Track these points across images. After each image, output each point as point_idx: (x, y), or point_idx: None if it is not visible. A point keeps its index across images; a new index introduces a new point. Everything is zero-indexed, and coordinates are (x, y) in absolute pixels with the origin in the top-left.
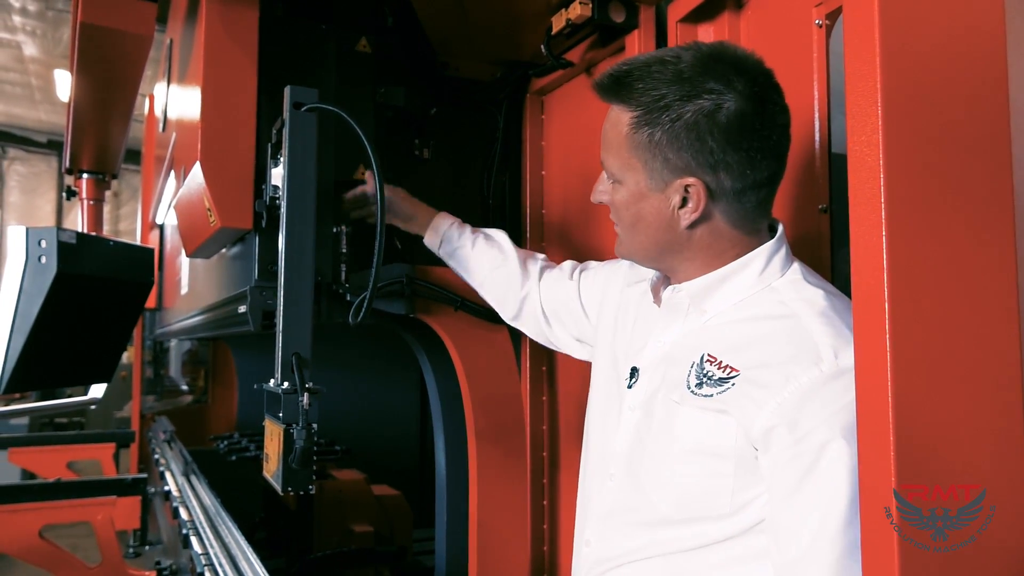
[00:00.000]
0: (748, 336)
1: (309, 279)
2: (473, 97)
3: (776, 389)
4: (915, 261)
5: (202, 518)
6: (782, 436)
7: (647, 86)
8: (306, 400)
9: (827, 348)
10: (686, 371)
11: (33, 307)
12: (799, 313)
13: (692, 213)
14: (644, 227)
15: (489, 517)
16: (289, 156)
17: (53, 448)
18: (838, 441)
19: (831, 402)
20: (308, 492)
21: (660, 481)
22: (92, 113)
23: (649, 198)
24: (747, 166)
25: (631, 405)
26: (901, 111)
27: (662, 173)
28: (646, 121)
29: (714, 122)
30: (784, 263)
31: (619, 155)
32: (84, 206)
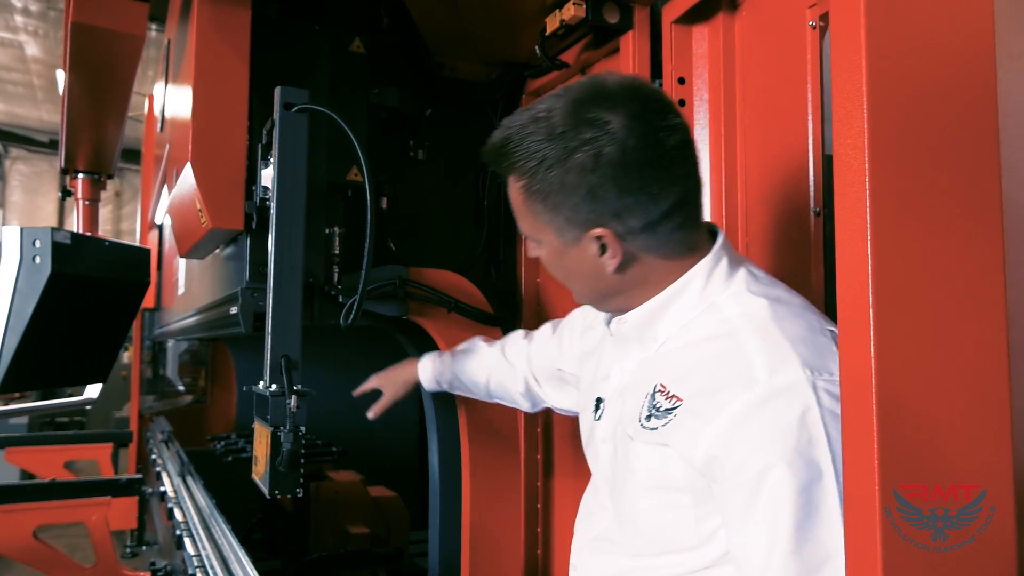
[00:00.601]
0: (693, 361)
1: (298, 281)
2: (468, 98)
3: (710, 417)
4: (904, 262)
5: (196, 520)
6: (723, 466)
7: (526, 151)
8: (294, 403)
9: (761, 368)
10: (640, 402)
11: (27, 307)
12: (738, 330)
13: (612, 259)
14: (577, 279)
15: (482, 520)
16: (279, 157)
17: (51, 448)
18: (778, 467)
19: (767, 426)
20: (296, 495)
21: (631, 517)
22: (86, 113)
23: (569, 253)
24: (648, 202)
25: (602, 437)
26: (887, 114)
27: (569, 230)
28: (536, 188)
29: (599, 172)
30: (727, 275)
31: (526, 220)
32: (80, 206)
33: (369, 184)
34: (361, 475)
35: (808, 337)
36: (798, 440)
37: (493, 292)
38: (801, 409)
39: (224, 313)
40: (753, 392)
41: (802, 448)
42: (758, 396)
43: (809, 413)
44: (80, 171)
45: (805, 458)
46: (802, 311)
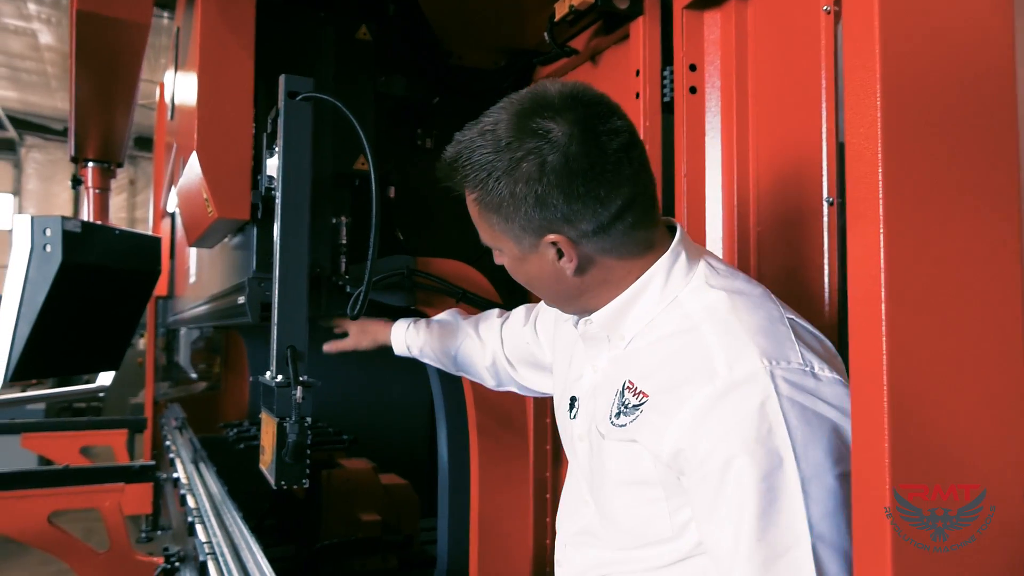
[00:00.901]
0: (658, 358)
1: (304, 271)
2: (476, 86)
3: (673, 412)
4: (914, 258)
5: (208, 507)
6: (688, 459)
7: (475, 165)
8: (299, 394)
9: (720, 361)
10: (611, 400)
11: (38, 296)
12: (698, 324)
13: (570, 263)
14: (539, 284)
15: (490, 510)
16: (284, 146)
17: (66, 434)
18: (740, 457)
19: (727, 418)
20: (303, 486)
21: (608, 511)
22: (94, 101)
23: (528, 260)
24: (596, 205)
25: (579, 435)
26: (902, 101)
27: (525, 238)
28: (488, 200)
29: (545, 181)
30: (687, 270)
31: (484, 231)
32: (90, 195)
33: (375, 173)
34: (372, 463)
35: (767, 327)
36: (758, 430)
37: (502, 281)
38: (760, 399)
39: (232, 302)
40: (713, 385)
41: (762, 437)
42: (718, 389)
43: (768, 403)
44: (90, 160)
45: (766, 447)
46: (761, 301)
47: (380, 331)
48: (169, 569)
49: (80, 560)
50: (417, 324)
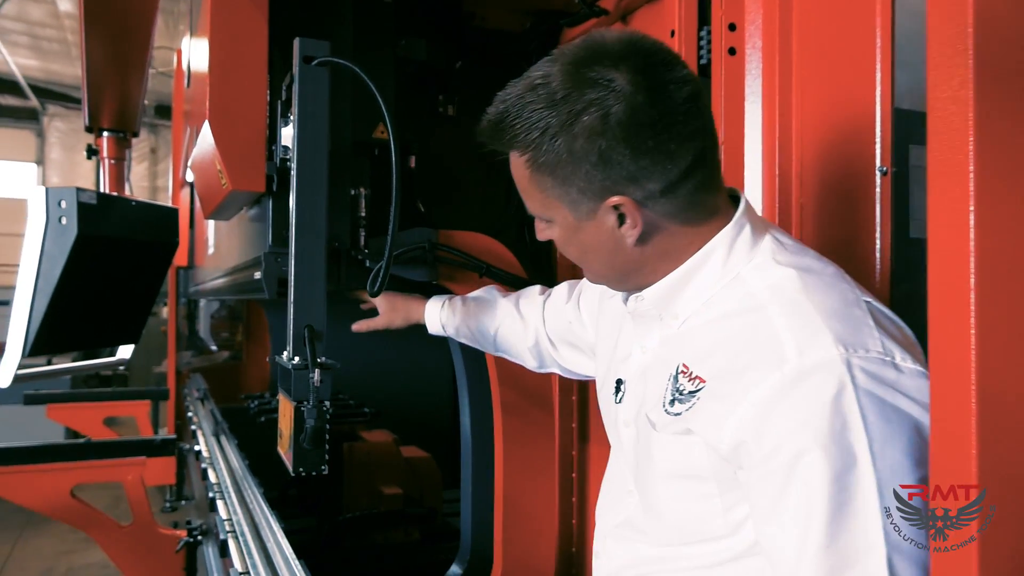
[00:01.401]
0: (716, 339)
1: (322, 246)
2: (501, 50)
3: (737, 401)
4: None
5: (228, 482)
6: (751, 453)
7: (527, 122)
8: (317, 377)
9: (791, 345)
10: (664, 384)
11: (55, 269)
12: (764, 304)
13: (633, 229)
14: (594, 256)
15: (515, 490)
16: (299, 114)
17: (90, 405)
18: (811, 452)
19: (797, 410)
20: (321, 472)
21: (654, 506)
22: (105, 68)
23: (584, 229)
24: (666, 161)
25: (624, 420)
26: (999, 57)
27: (583, 203)
28: (542, 160)
29: (609, 135)
30: (751, 244)
31: (534, 198)
32: (106, 165)
33: (395, 142)
34: (394, 435)
35: (842, 310)
36: (832, 424)
37: (527, 255)
38: (834, 390)
39: (249, 277)
40: (782, 372)
41: (836, 433)
42: (787, 376)
43: (843, 394)
44: (105, 129)
45: (839, 444)
46: (835, 281)
47: (413, 309)
48: (192, 543)
49: (103, 533)
50: (452, 302)
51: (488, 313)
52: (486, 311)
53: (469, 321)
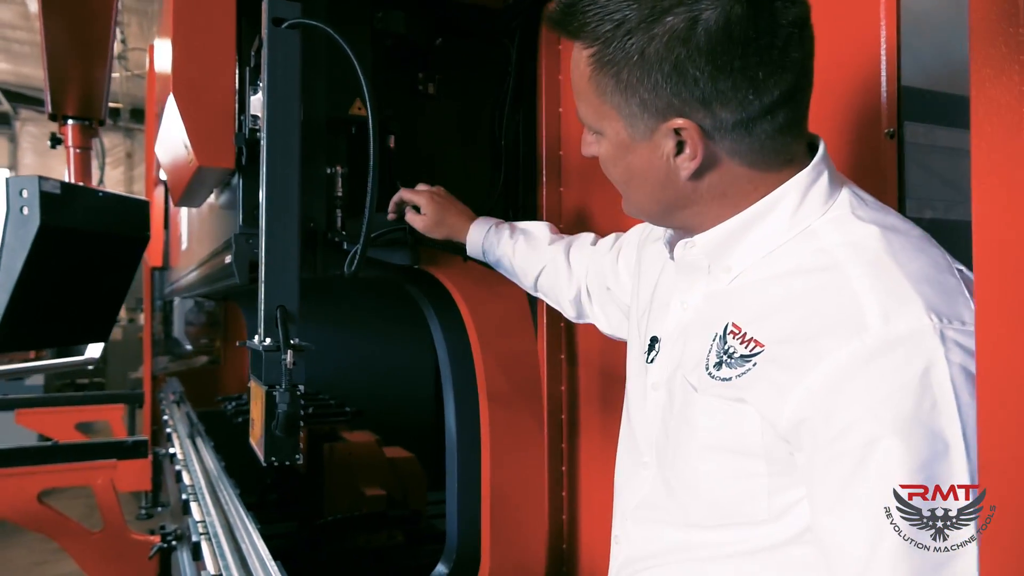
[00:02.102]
0: (777, 299)
1: (294, 223)
2: (481, 26)
3: (804, 371)
4: None
5: (203, 484)
6: (816, 432)
7: (602, 11)
8: (290, 358)
9: (874, 311)
10: (707, 345)
11: (16, 262)
12: (841, 263)
13: (691, 161)
14: (640, 183)
15: (503, 483)
16: (268, 81)
17: (62, 409)
18: (890, 438)
19: (879, 384)
20: (296, 463)
21: (685, 480)
22: (65, 50)
23: (636, 149)
24: (748, 90)
25: (654, 383)
26: None
27: (642, 119)
28: (608, 58)
29: (692, 44)
30: (827, 195)
31: (589, 103)
32: (71, 154)
33: (373, 117)
34: (376, 435)
35: (933, 276)
36: (919, 405)
37: None
38: (924, 365)
39: (220, 263)
40: (862, 341)
41: (923, 415)
42: (868, 347)
43: (934, 370)
44: (69, 117)
45: (927, 428)
46: (923, 244)
47: (458, 225)
48: (166, 548)
49: (73, 540)
50: (500, 229)
51: (535, 253)
52: (534, 249)
53: (513, 256)
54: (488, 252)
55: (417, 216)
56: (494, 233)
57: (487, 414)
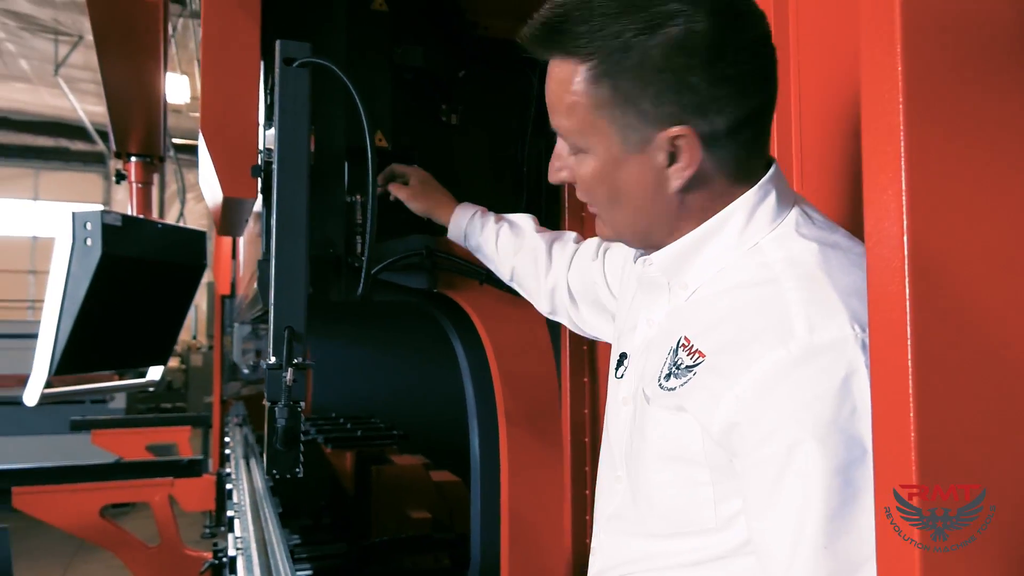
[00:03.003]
0: (722, 311)
1: (302, 249)
2: (504, 58)
3: (735, 377)
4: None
5: (248, 503)
6: (745, 436)
7: (594, 27)
8: (290, 376)
9: (801, 321)
10: (663, 359)
11: (80, 289)
12: (779, 276)
13: (685, 170)
14: (626, 200)
15: (521, 506)
16: (279, 116)
17: (133, 431)
18: (810, 443)
19: (800, 391)
20: (296, 475)
21: (643, 490)
22: (122, 92)
23: (625, 164)
24: (740, 96)
25: (623, 398)
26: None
27: (639, 130)
28: (605, 71)
29: (690, 51)
30: (775, 213)
31: (576, 119)
32: (133, 189)
33: (371, 149)
34: (425, 459)
35: (863, 290)
36: (838, 411)
37: None
38: (845, 373)
39: (256, 291)
40: (787, 349)
41: (842, 421)
42: (792, 354)
43: (855, 378)
44: (132, 154)
45: (846, 433)
46: (861, 260)
47: (441, 205)
48: (217, 565)
49: (130, 553)
50: (485, 217)
51: (517, 240)
52: (516, 237)
53: (496, 241)
54: (470, 236)
55: (402, 187)
56: (479, 218)
57: (505, 436)
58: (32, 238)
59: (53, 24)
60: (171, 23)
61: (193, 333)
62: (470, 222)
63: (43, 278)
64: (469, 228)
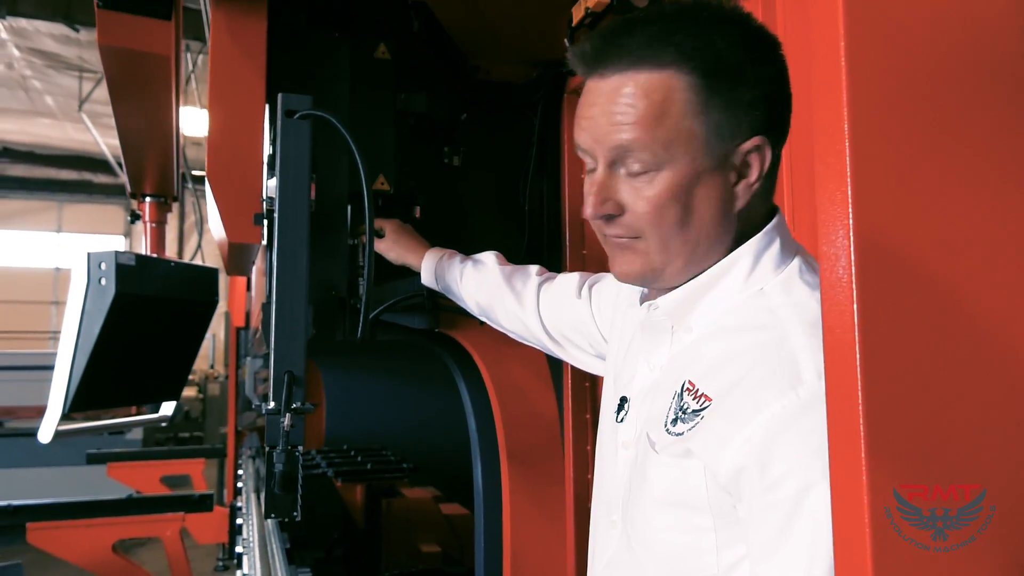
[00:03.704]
0: (727, 355)
1: (302, 295)
2: (506, 101)
3: (744, 421)
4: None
5: (256, 537)
6: (753, 481)
7: (686, 36)
8: (287, 421)
9: (809, 368)
10: (668, 403)
11: (94, 328)
12: (784, 322)
13: (752, 185)
14: (696, 219)
15: (524, 543)
16: (281, 166)
17: (148, 463)
18: (820, 486)
19: (810, 437)
20: (294, 519)
21: (642, 536)
22: (135, 136)
23: (704, 178)
24: (788, 115)
25: (624, 442)
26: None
27: (724, 138)
28: (705, 77)
29: (775, 68)
30: (780, 258)
31: (663, 129)
32: (147, 229)
33: (368, 196)
34: (437, 491)
35: None
36: None
37: None
38: None
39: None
40: (797, 395)
41: None
42: (802, 399)
43: None
44: (146, 195)
45: None
46: None
47: (412, 251)
48: None
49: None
50: (452, 258)
51: (477, 277)
52: (481, 277)
53: (460, 281)
54: (439, 278)
55: (379, 240)
56: (446, 260)
57: (507, 473)
58: (55, 269)
59: (78, 62)
60: (192, 58)
61: (211, 362)
62: (438, 264)
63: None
64: (438, 271)
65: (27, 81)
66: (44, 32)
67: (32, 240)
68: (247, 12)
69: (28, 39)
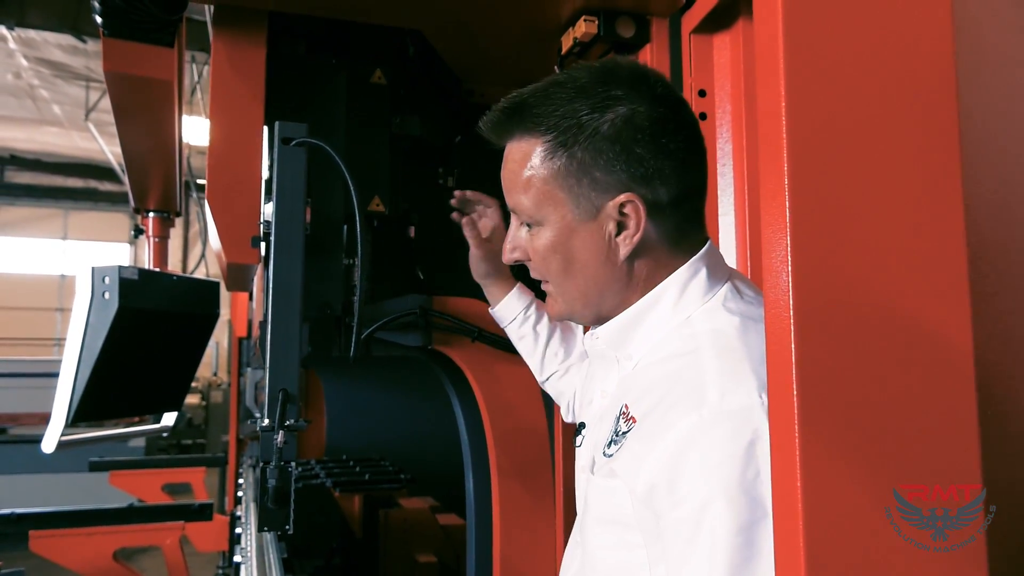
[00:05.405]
0: (654, 379)
1: (296, 315)
2: None
3: (655, 441)
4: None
5: (253, 546)
6: (662, 498)
7: (551, 107)
8: (280, 438)
9: (714, 388)
10: (610, 428)
11: (97, 340)
12: (701, 347)
13: (632, 237)
14: (579, 269)
15: (514, 557)
16: (277, 191)
17: (150, 472)
18: (717, 503)
19: (710, 455)
20: (287, 532)
21: (590, 554)
22: (139, 155)
23: (578, 232)
24: (681, 168)
25: (581, 465)
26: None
27: (591, 197)
28: (561, 143)
29: (636, 127)
30: (706, 288)
31: (534, 191)
32: (150, 243)
33: (361, 220)
34: (435, 501)
35: None
36: (743, 474)
37: None
38: (750, 438)
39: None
40: (700, 414)
41: (747, 483)
42: (704, 419)
43: (759, 443)
44: (150, 210)
45: (749, 495)
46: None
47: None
48: None
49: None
50: (540, 311)
51: (569, 345)
52: (568, 342)
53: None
54: (525, 321)
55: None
56: (537, 307)
57: (498, 488)
58: (60, 276)
59: (85, 71)
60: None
61: (214, 370)
62: (529, 307)
63: (70, 316)
64: (528, 312)
65: (35, 90)
66: (52, 43)
67: (38, 247)
68: (247, 41)
69: (36, 49)
